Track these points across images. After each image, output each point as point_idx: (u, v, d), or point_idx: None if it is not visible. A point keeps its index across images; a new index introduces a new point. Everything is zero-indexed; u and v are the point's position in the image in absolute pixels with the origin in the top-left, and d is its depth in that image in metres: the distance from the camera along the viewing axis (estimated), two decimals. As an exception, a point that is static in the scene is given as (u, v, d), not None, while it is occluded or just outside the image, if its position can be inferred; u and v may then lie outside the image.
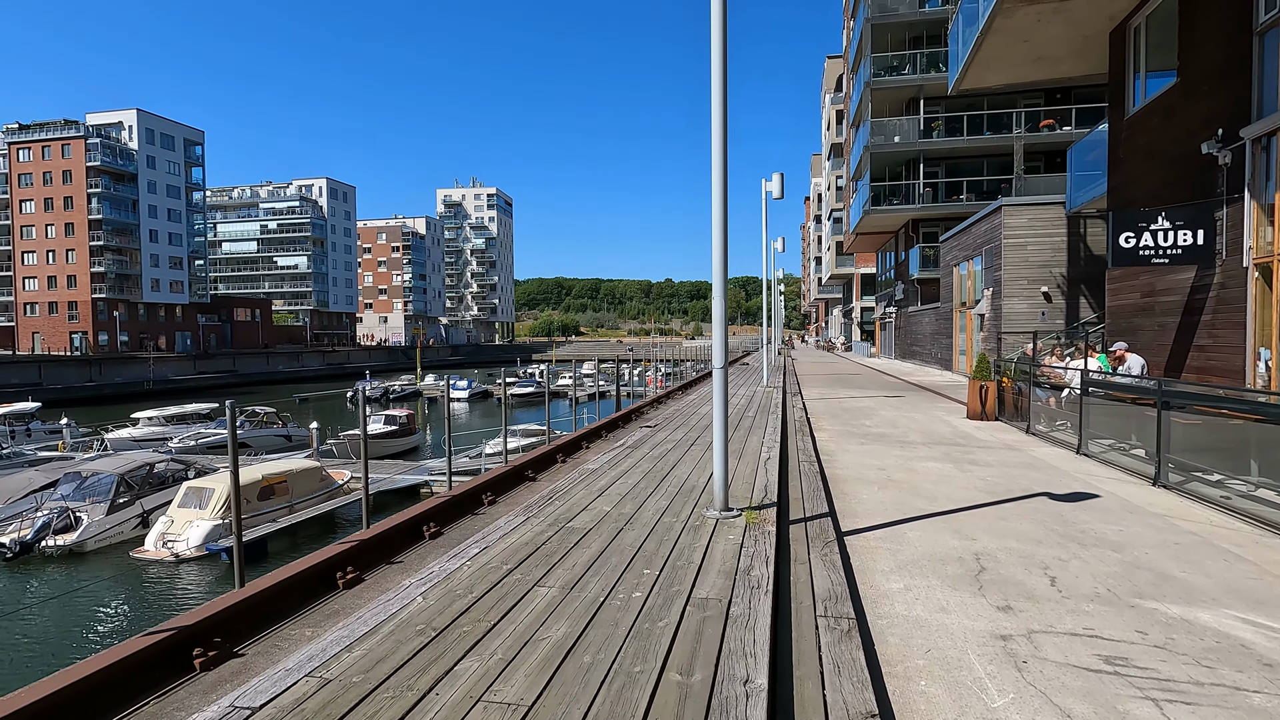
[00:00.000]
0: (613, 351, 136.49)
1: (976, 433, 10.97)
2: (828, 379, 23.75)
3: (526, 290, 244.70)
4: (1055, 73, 14.01)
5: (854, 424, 11.60)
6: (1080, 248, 18.14)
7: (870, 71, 30.41)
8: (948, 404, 15.27)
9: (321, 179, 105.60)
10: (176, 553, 15.99)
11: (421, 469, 24.52)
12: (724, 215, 4.36)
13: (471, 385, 58.70)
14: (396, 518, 4.98)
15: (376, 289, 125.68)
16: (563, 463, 7.90)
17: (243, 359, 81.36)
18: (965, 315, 22.39)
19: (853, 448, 9.06)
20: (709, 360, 37.29)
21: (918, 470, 7.67)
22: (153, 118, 76.07)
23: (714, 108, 4.34)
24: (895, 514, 5.74)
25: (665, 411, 11.89)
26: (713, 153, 4.32)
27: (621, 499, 5.01)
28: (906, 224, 33.06)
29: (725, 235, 4.38)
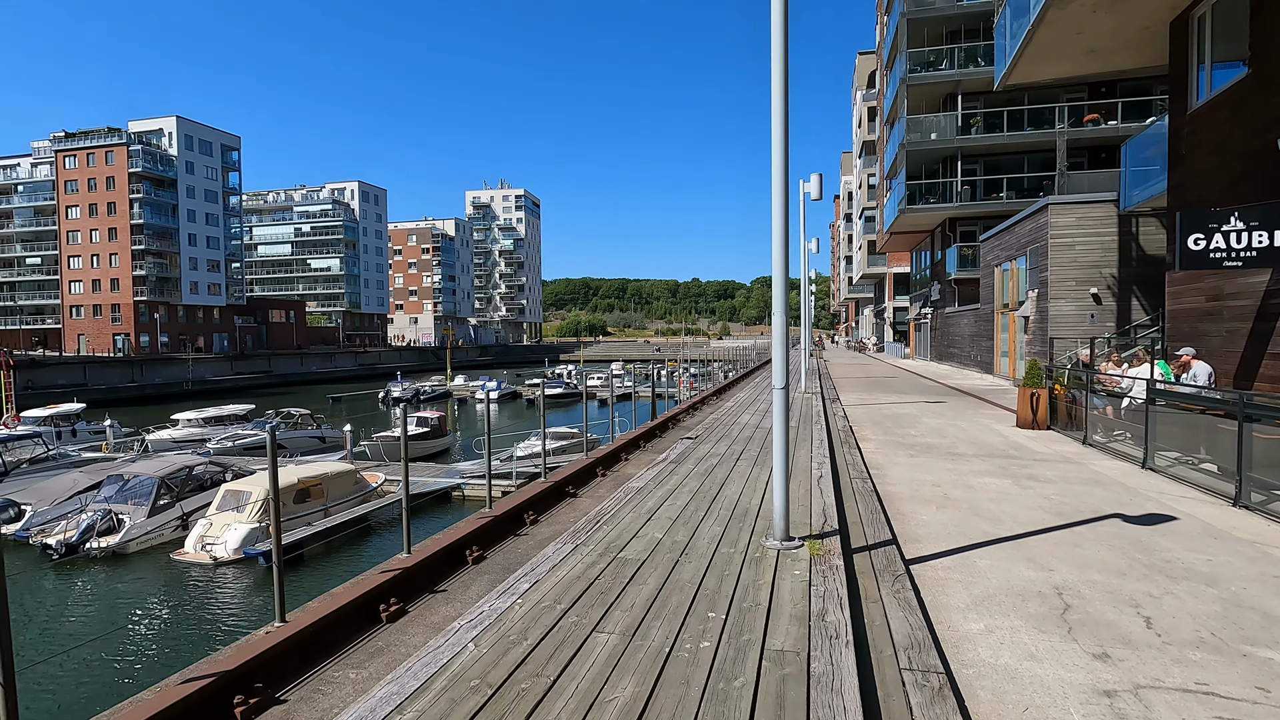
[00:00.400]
0: (640, 352, 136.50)
1: (1029, 443, 10.51)
2: (864, 383, 23.23)
3: (554, 290, 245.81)
4: (1108, 66, 13.42)
5: (899, 433, 11.20)
6: (1132, 247, 17.43)
7: (906, 67, 29.73)
8: (994, 411, 14.75)
9: (353, 182, 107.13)
10: (215, 555, 16.13)
11: (454, 472, 24.56)
12: (784, 228, 4.08)
13: (500, 386, 59.00)
14: (438, 541, 4.79)
15: (407, 290, 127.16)
16: (603, 476, 7.67)
17: (277, 360, 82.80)
18: (1008, 317, 21.71)
19: (902, 460, 8.70)
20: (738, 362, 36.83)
21: (975, 487, 7.29)
22: (191, 124, 77.81)
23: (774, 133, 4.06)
24: (960, 539, 5.40)
25: (703, 420, 11.62)
26: (773, 173, 4.05)
27: (672, 524, 4.76)
28: (943, 223, 32.29)
29: (786, 251, 4.10)
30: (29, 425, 31.75)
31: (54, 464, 23.79)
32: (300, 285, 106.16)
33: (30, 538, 17.00)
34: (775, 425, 4.11)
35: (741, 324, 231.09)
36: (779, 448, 4.12)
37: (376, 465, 26.20)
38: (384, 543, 19.03)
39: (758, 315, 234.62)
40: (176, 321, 76.03)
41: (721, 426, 9.91)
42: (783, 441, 4.11)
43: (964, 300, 30.43)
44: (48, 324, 76.74)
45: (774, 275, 4.16)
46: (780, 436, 4.11)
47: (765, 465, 6.93)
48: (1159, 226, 17.25)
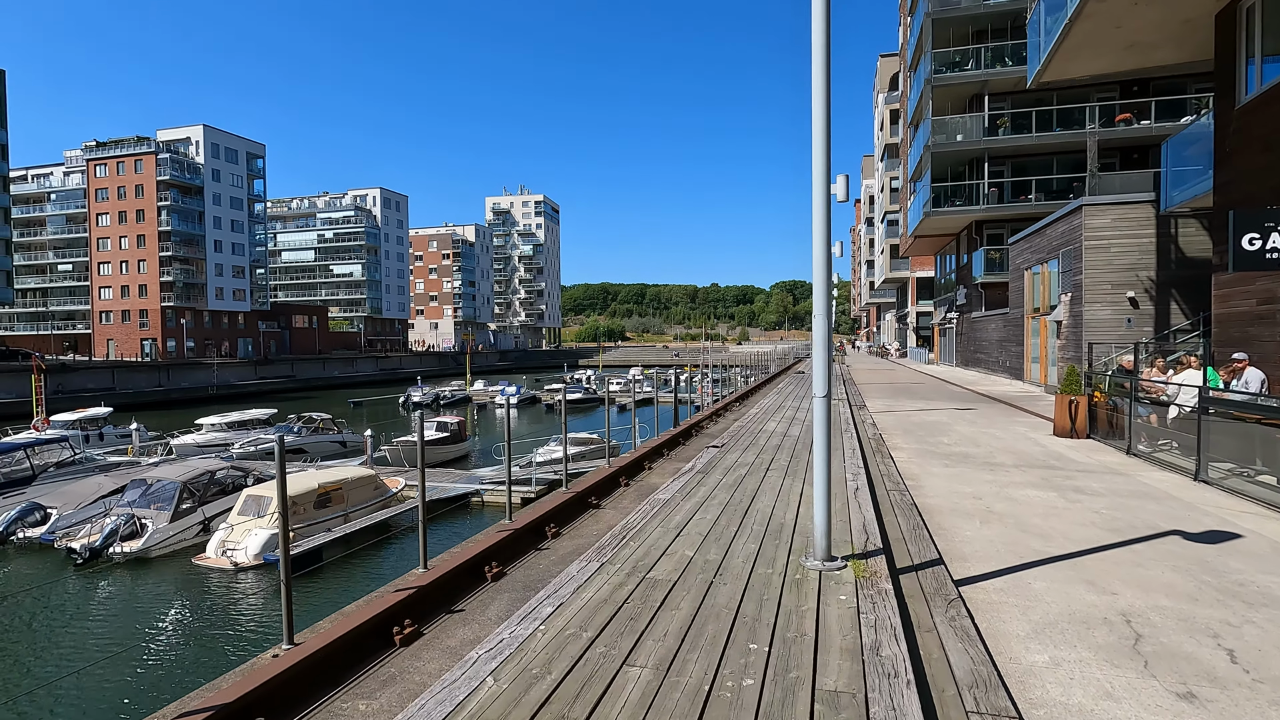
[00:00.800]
0: (659, 357, 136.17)
1: (1070, 453, 10.06)
2: (890, 389, 22.74)
3: (573, 296, 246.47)
4: (1148, 61, 12.94)
5: (931, 442, 10.80)
6: (1171, 249, 16.83)
7: (931, 68, 29.23)
8: (1028, 418, 14.26)
9: (375, 189, 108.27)
10: (235, 561, 16.09)
11: (473, 478, 24.44)
12: (825, 227, 3.80)
13: (520, 391, 58.96)
14: (455, 556, 4.54)
15: (428, 295, 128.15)
16: (626, 486, 7.39)
17: (300, 364, 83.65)
18: (1039, 322, 21.13)
19: (938, 470, 8.32)
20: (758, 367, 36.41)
21: (1018, 500, 6.91)
22: (218, 133, 79.08)
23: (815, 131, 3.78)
24: (1010, 557, 5.05)
25: (727, 427, 11.31)
26: (814, 173, 3.77)
27: (703, 540, 4.47)
28: (969, 226, 31.67)
29: (828, 251, 3.81)
30: (58, 429, 32.21)
31: (80, 468, 24.03)
32: (323, 291, 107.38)
33: (56, 541, 17.11)
34: (816, 437, 3.81)
35: (761, 329, 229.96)
36: (820, 461, 3.82)
37: (397, 470, 26.17)
38: (404, 549, 18.92)
39: (777, 320, 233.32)
40: (202, 327, 77.15)
41: (747, 434, 9.59)
42: (824, 454, 3.81)
43: (991, 304, 29.78)
44: (78, 329, 78.25)
45: (815, 276, 3.88)
46: (822, 449, 3.81)
47: (797, 476, 6.62)
48: (1199, 228, 16.66)
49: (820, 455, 3.83)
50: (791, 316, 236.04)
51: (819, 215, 3.79)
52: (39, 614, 13.41)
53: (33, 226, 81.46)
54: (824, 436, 3.82)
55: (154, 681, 10.16)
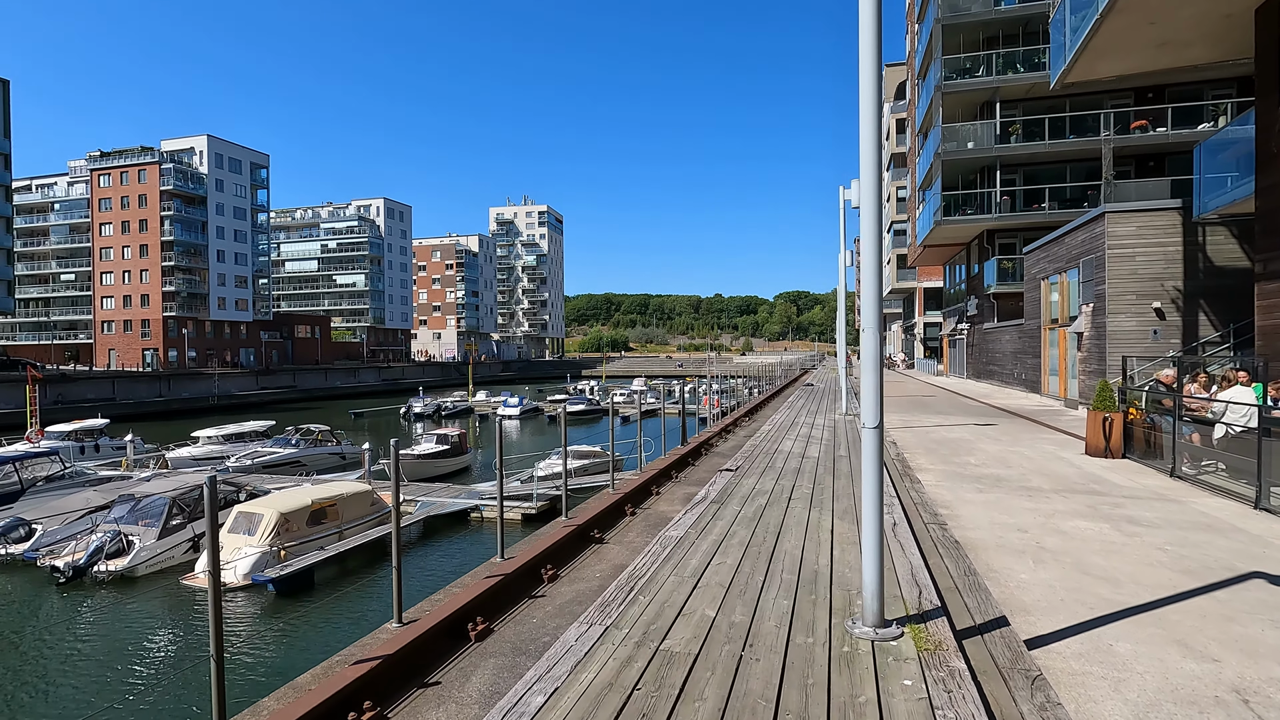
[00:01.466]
0: (663, 368, 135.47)
1: (1109, 475, 9.35)
2: (903, 402, 22.01)
3: (576, 306, 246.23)
4: (1179, 60, 12.32)
5: (957, 462, 10.10)
6: (1199, 258, 16.15)
7: (941, 74, 28.68)
8: (1054, 435, 13.53)
9: (379, 199, 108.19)
10: (224, 582, 15.40)
11: (472, 492, 23.74)
12: (876, 218, 3.15)
13: (522, 402, 58.20)
14: (436, 610, 3.87)
15: (431, 305, 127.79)
16: (632, 515, 6.71)
17: (302, 374, 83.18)
18: (1057, 333, 20.42)
19: (971, 496, 7.62)
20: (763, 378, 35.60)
21: (1069, 534, 6.21)
22: (222, 143, 79.02)
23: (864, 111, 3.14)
24: (1079, 609, 4.35)
25: (739, 446, 10.63)
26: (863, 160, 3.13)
27: (725, 593, 3.80)
28: (980, 235, 31.03)
29: (879, 247, 3.16)
30: (53, 440, 31.65)
31: (70, 482, 23.39)
32: (326, 301, 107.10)
33: (39, 559, 16.45)
34: (865, 480, 3.14)
35: (764, 339, 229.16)
36: (870, 507, 3.14)
37: (383, 489, 25.48)
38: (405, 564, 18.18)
39: (780, 331, 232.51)
40: (205, 337, 76.79)
41: (762, 456, 8.91)
42: (876, 499, 3.14)
43: (1004, 315, 29.09)
44: (80, 339, 77.95)
45: (863, 278, 3.23)
46: (873, 494, 3.14)
47: (824, 507, 5.94)
48: (1228, 235, 15.99)
49: (871, 501, 3.16)
50: (795, 327, 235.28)
51: (869, 217, 3.16)
52: (9, 639, 12.73)
53: (36, 236, 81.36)
54: (875, 479, 3.15)
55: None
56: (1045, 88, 28.21)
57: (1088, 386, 17.82)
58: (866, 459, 3.20)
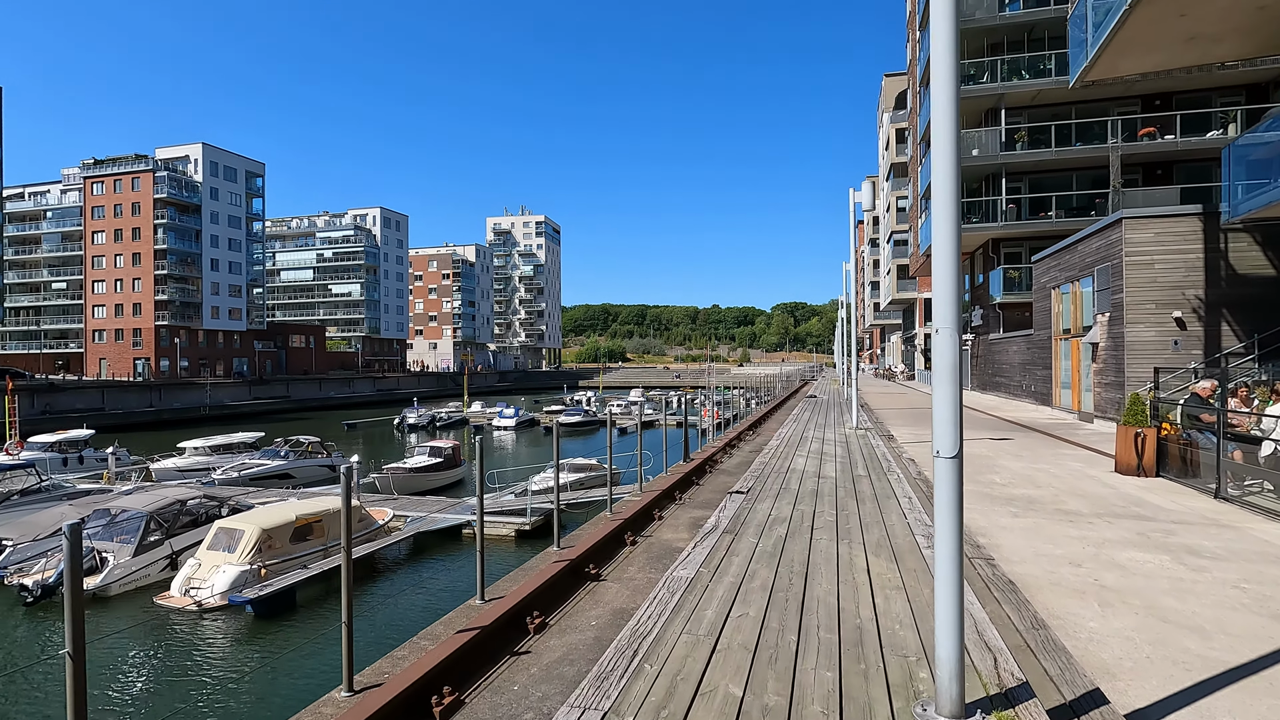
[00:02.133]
0: (660, 379, 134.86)
1: (1148, 496, 8.63)
2: (909, 415, 21.32)
3: (573, 316, 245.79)
4: (1208, 56, 11.73)
5: (983, 481, 9.38)
6: (1220, 266, 15.51)
7: (945, 81, 28.18)
8: (1075, 451, 12.82)
9: (375, 208, 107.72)
10: (200, 601, 14.61)
11: (463, 507, 22.96)
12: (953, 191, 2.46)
13: (518, 413, 57.26)
14: (395, 680, 3.12)
15: (427, 315, 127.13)
16: (632, 544, 5.98)
17: (296, 385, 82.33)
18: (1070, 344, 19.76)
19: (1008, 522, 6.90)
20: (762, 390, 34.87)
21: (1128, 567, 5.49)
22: (217, 151, 78.52)
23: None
24: (1171, 669, 3.62)
25: (747, 462, 9.90)
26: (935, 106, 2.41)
27: (751, 660, 3.06)
28: (985, 244, 30.47)
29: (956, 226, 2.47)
30: (34, 451, 30.80)
31: (46, 495, 22.53)
32: (321, 310, 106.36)
33: (6, 577, 15.62)
34: (941, 528, 2.42)
35: (762, 350, 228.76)
36: (948, 564, 2.42)
37: (385, 499, 24.72)
38: (388, 587, 17.51)
39: (778, 342, 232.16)
40: (197, 346, 75.95)
41: (774, 475, 8.18)
42: (954, 554, 2.41)
43: (1010, 326, 28.46)
44: (71, 348, 77.00)
45: (937, 258, 2.53)
46: (950, 546, 2.41)
47: (853, 540, 5.22)
48: (1251, 242, 15.36)
49: (949, 554, 2.43)
50: (793, 338, 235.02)
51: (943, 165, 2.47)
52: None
53: (28, 244, 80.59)
54: (953, 526, 2.42)
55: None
56: (1051, 94, 27.78)
57: (1104, 399, 17.15)
58: (942, 498, 2.48)
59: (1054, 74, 27.21)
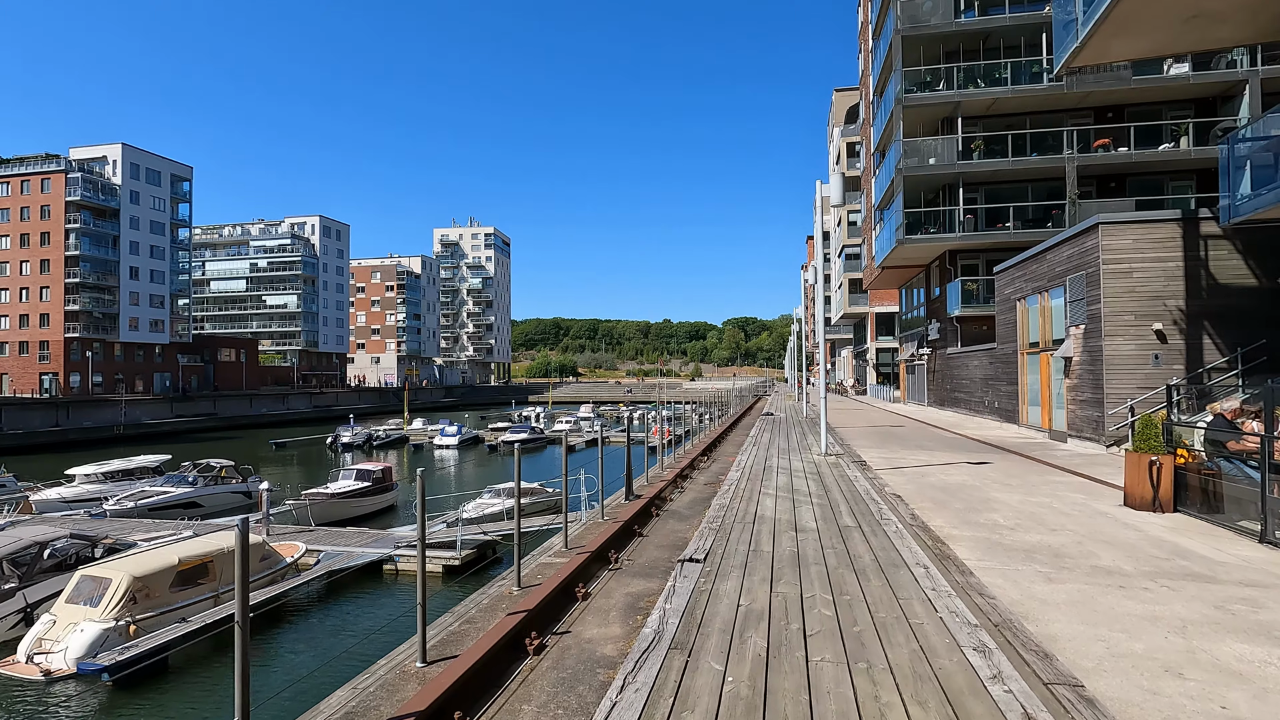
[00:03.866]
0: (611, 393, 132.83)
1: (1183, 540, 7.15)
2: (872, 434, 19.93)
3: (524, 330, 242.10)
4: (1206, 40, 10.63)
5: (983, 523, 7.78)
6: (1201, 275, 14.56)
7: (901, 87, 27.36)
8: (1067, 478, 11.44)
9: (315, 217, 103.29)
10: (48, 669, 11.98)
11: (387, 539, 20.57)
12: None
13: (461, 431, 54.35)
14: None
15: (369, 329, 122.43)
16: (538, 654, 4.07)
17: (224, 401, 77.48)
18: (1039, 358, 18.71)
19: (1044, 591, 5.25)
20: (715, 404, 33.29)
21: (1246, 674, 3.85)
22: (139, 152, 73.70)
23: None
24: None
25: (704, 501, 8.10)
26: None
27: None
28: (941, 256, 29.69)
29: None
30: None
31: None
32: (254, 323, 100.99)
33: None
34: None
35: (713, 365, 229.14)
36: None
37: (300, 532, 22.05)
38: (296, 635, 15.13)
39: (729, 357, 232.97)
40: (113, 360, 70.60)
41: (738, 525, 6.37)
42: None
43: (969, 339, 27.62)
44: (-33, 363, 70.57)
45: None
46: None
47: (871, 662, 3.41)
48: (1233, 250, 14.46)
49: None
50: (744, 353, 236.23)
51: None
52: None
53: (-79, 250, 73.87)
54: None
55: None
56: (1006, 104, 27.25)
57: (1080, 418, 16.04)
58: None
59: (1009, 83, 26.66)
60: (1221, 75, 25.14)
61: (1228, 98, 25.97)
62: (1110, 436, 14.78)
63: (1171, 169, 26.17)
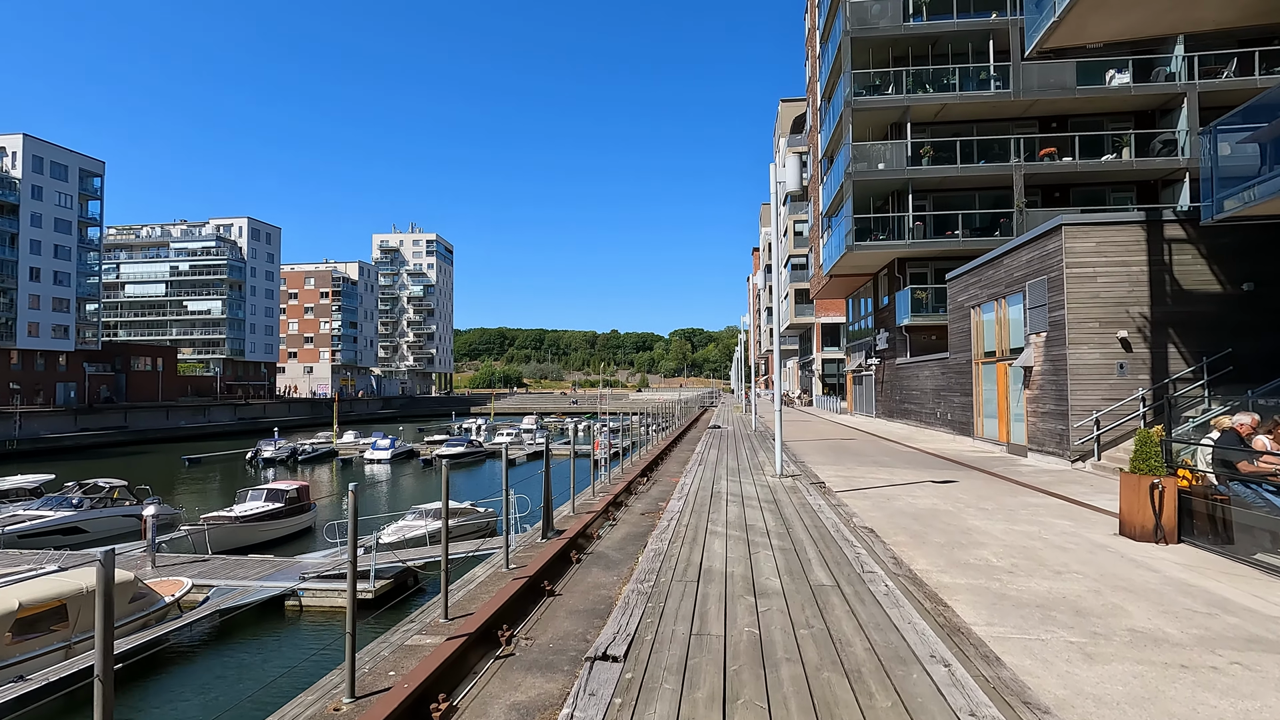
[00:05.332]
0: (556, 404, 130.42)
1: (1213, 585, 5.92)
2: (823, 448, 18.75)
3: (468, 340, 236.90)
4: (1186, 21, 9.76)
5: (972, 562, 6.44)
6: (1165, 280, 13.84)
7: (850, 90, 26.64)
8: (1042, 499, 10.31)
9: (242, 219, 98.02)
10: None
11: (292, 569, 18.30)
12: None
13: (394, 444, 51.38)
14: None
15: (302, 337, 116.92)
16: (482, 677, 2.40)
17: (137, 414, 72.10)
18: (996, 368, 17.87)
19: (1088, 676, 3.86)
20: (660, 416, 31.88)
21: None
22: (43, 144, 68.23)
23: None
24: None
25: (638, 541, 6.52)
26: None
27: None
28: (890, 264, 29.06)
29: None
30: None
31: None
32: (174, 329, 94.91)
33: None
34: None
35: (660, 376, 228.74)
36: None
37: (191, 563, 19.44)
38: (180, 685, 12.96)
39: (676, 368, 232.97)
40: (9, 369, 64.78)
41: (677, 589, 4.79)
42: None
43: (918, 349, 26.95)
44: None
45: None
46: None
47: None
48: (1197, 255, 13.79)
49: None
50: (690, 364, 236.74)
51: None
52: None
53: None
54: None
55: None
56: (955, 110, 26.84)
57: (1041, 430, 15.15)
58: None
59: (958, 88, 26.22)
60: (1161, 88, 25.19)
61: (1165, 111, 26.09)
62: (1075, 451, 13.88)
63: (1113, 180, 26.13)
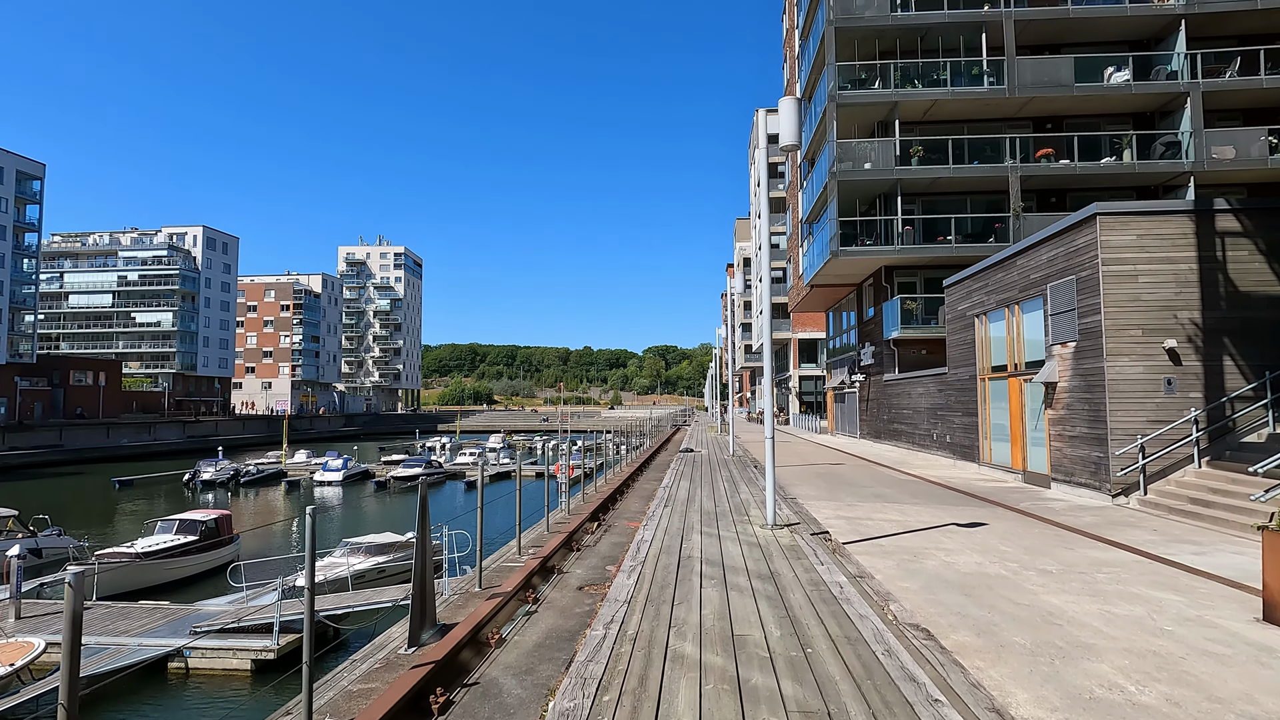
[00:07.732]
0: (526, 422, 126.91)
1: None
2: (813, 476, 16.28)
3: (438, 356, 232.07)
4: None
5: (1084, 683, 3.98)
6: (1219, 280, 11.70)
7: (834, 83, 24.59)
8: (1108, 553, 7.89)
9: (197, 227, 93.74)
10: None
11: (184, 621, 15.23)
12: None
13: (347, 464, 47.83)
14: None
15: (261, 351, 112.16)
16: None
17: (74, 431, 67.37)
18: (1007, 384, 15.61)
19: None
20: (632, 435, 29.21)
21: None
22: (-25, 144, 63.89)
23: None
24: None
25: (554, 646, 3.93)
26: None
27: None
28: (877, 273, 26.93)
29: None
30: None
31: None
32: (122, 342, 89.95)
33: None
34: None
35: (633, 393, 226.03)
36: None
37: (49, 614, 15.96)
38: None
39: (649, 385, 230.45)
40: (-69, 383, 59.99)
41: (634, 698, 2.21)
42: None
43: (909, 364, 24.76)
44: None
45: None
46: None
47: None
48: (1254, 251, 11.70)
49: None
50: (664, 381, 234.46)
51: None
52: None
53: None
54: None
55: None
56: (945, 108, 24.93)
57: (1070, 457, 12.88)
58: None
59: (949, 84, 24.34)
60: (1162, 87, 23.56)
61: (1166, 112, 24.48)
62: (1117, 484, 11.60)
63: (1113, 184, 24.36)
